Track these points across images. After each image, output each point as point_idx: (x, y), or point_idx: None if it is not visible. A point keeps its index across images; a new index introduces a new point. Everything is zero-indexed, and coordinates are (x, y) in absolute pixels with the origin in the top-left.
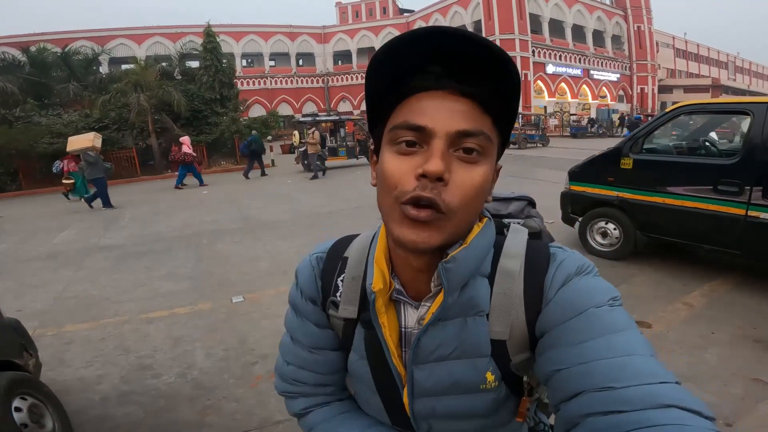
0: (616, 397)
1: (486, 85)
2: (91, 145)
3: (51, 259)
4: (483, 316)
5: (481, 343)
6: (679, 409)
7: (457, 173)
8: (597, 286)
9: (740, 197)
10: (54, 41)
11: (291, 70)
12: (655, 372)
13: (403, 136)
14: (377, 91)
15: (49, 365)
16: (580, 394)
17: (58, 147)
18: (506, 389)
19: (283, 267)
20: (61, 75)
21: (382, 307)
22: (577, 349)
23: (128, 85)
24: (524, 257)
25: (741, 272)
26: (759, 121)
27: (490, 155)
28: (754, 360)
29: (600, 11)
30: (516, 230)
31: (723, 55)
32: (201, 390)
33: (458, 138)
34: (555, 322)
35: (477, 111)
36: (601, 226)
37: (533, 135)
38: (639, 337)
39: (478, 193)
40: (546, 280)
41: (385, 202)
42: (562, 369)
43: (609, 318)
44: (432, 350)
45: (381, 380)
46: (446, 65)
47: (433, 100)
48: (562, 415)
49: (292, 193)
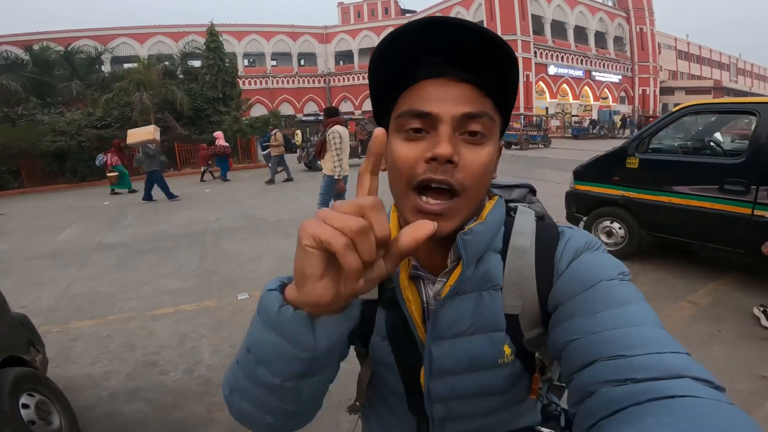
0: (627, 364)
1: (485, 70)
2: (153, 137)
3: (55, 256)
4: (498, 290)
5: (497, 316)
6: (691, 379)
7: (465, 155)
8: (607, 261)
9: (746, 197)
10: (57, 40)
11: (293, 70)
12: (664, 341)
13: (410, 123)
14: (381, 82)
15: (55, 362)
16: (592, 363)
17: (60, 145)
18: (520, 365)
19: (288, 265)
20: (64, 74)
21: (406, 281)
22: (589, 320)
23: (131, 84)
24: (535, 235)
25: (745, 271)
26: (765, 121)
27: (493, 135)
28: (760, 358)
29: (602, 12)
30: (524, 211)
31: (725, 56)
32: (208, 386)
33: (463, 121)
34: (567, 295)
35: (478, 94)
36: (606, 225)
37: (535, 136)
38: (649, 309)
39: (486, 171)
40: (556, 255)
41: (397, 188)
42: (575, 339)
43: (619, 291)
44: (449, 325)
45: (402, 360)
46: (446, 55)
47: (436, 87)
48: (575, 386)
49: (294, 192)
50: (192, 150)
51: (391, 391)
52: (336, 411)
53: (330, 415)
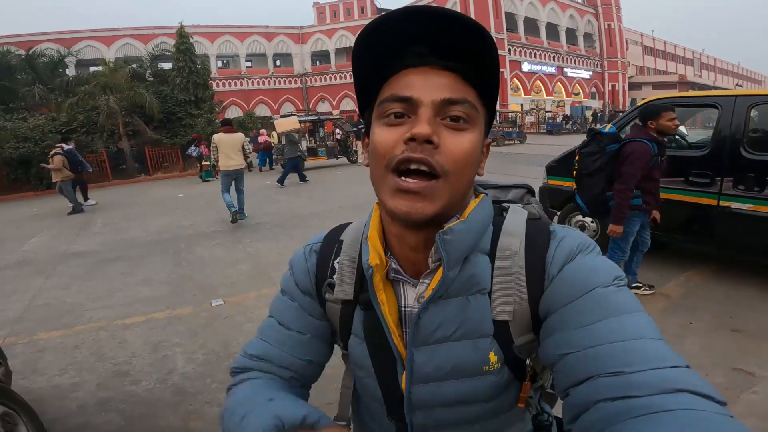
0: (626, 382)
1: (467, 59)
2: (298, 126)
3: (21, 266)
4: (485, 294)
5: (484, 322)
6: (691, 394)
7: (446, 138)
8: (602, 265)
9: (712, 188)
10: (18, 44)
11: (268, 71)
12: (665, 356)
13: (391, 109)
14: (364, 72)
15: (21, 374)
16: (589, 378)
17: (23, 152)
18: (509, 373)
19: (266, 269)
20: (26, 78)
21: (380, 284)
22: (584, 332)
23: (97, 87)
24: (524, 235)
25: (716, 262)
26: (727, 114)
27: (476, 124)
28: (733, 349)
29: (572, 9)
30: (515, 210)
31: (689, 52)
32: (183, 395)
33: (444, 106)
34: (560, 303)
35: (461, 82)
36: (579, 219)
37: (510, 132)
38: (647, 319)
39: (468, 158)
40: (547, 257)
41: (376, 173)
42: (570, 353)
43: (616, 299)
44: (433, 330)
45: (379, 363)
46: (429, 43)
47: (418, 75)
48: (571, 401)
49: (271, 195)
50: (165, 154)
51: (371, 396)
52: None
53: None
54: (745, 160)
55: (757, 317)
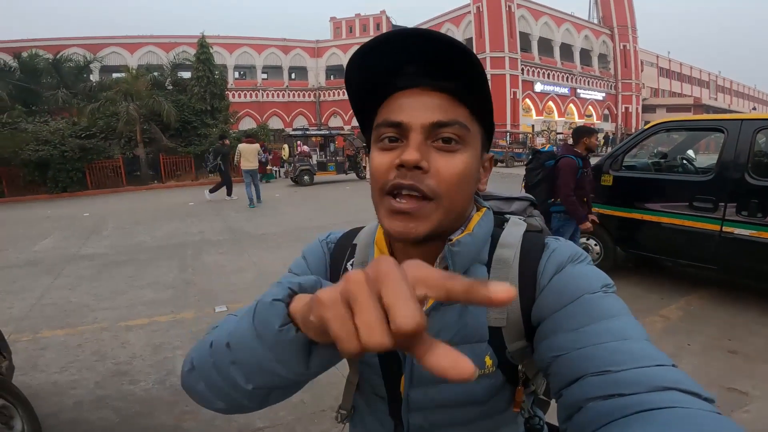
0: (614, 380)
1: (456, 79)
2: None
3: (30, 266)
4: None
5: (480, 327)
6: (679, 392)
7: (437, 161)
8: (590, 273)
9: (715, 213)
10: (46, 48)
11: (283, 84)
12: (651, 355)
13: (385, 133)
14: (358, 95)
15: (22, 369)
16: (579, 379)
17: (42, 155)
18: (502, 377)
19: (270, 278)
20: (52, 82)
21: None
22: (573, 335)
23: (118, 94)
24: (520, 247)
25: (716, 286)
26: (732, 138)
27: (469, 144)
28: (728, 369)
29: (588, 30)
30: (515, 223)
31: (705, 74)
32: (179, 396)
33: (434, 129)
34: (550, 310)
35: (451, 103)
36: (583, 241)
37: (520, 153)
38: (633, 322)
39: (460, 179)
40: (539, 268)
41: (375, 195)
42: (561, 355)
43: (603, 304)
44: (433, 335)
45: (385, 363)
46: (418, 65)
47: (410, 97)
48: (564, 402)
49: (279, 206)
50: (178, 162)
51: (375, 394)
52: (310, 423)
53: (303, 426)
54: (750, 186)
55: (755, 340)
